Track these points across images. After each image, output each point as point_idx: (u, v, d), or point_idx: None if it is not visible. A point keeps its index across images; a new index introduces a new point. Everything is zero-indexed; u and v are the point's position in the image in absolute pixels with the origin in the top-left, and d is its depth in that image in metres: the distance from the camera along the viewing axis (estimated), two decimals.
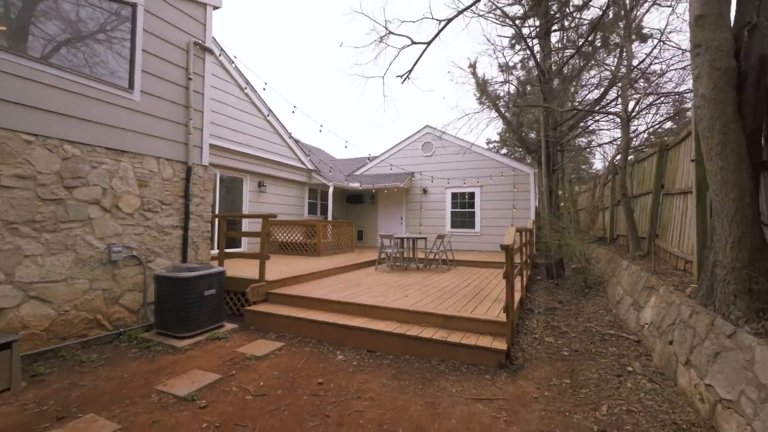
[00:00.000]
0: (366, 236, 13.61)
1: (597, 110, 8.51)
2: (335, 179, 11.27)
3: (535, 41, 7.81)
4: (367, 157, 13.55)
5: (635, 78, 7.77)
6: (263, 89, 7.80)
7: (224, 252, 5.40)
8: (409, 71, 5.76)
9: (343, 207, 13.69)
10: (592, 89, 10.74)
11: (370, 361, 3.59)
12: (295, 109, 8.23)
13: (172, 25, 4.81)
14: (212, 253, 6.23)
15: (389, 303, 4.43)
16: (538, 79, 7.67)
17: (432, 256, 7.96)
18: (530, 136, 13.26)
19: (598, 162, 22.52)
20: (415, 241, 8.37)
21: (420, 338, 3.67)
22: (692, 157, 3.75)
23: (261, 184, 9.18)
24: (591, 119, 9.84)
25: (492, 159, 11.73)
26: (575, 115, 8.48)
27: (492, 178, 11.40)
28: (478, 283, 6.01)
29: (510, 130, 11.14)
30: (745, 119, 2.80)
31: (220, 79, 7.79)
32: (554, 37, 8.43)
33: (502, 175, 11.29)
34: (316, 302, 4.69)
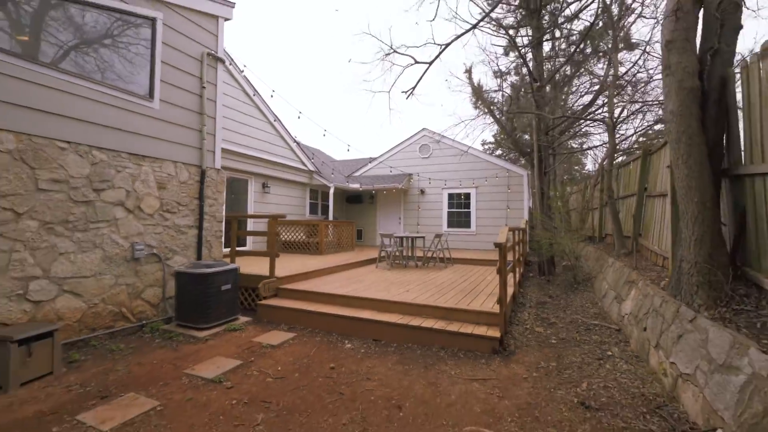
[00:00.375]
0: (365, 235, 13.96)
1: (585, 117, 8.95)
2: (336, 180, 11.60)
3: (528, 49, 8.21)
4: (368, 159, 13.91)
5: (622, 85, 8.19)
6: (271, 96, 8.15)
7: (235, 250, 5.72)
8: (413, 88, 6.26)
9: (343, 207, 14.03)
10: (583, 94, 11.21)
11: (376, 349, 3.94)
12: (301, 114, 8.58)
13: (188, 37, 5.12)
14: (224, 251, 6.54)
15: (392, 297, 4.78)
16: (530, 85, 8.07)
17: (430, 254, 8.33)
18: (524, 138, 13.68)
19: (590, 163, 23.06)
20: (414, 240, 8.74)
21: (421, 328, 4.03)
22: (667, 164, 4.14)
23: (265, 185, 9.49)
24: (581, 124, 10.27)
25: (487, 161, 12.14)
26: (565, 120, 8.89)
27: (487, 180, 11.81)
28: (473, 279, 6.38)
29: (504, 132, 11.56)
30: (707, 133, 3.18)
31: (228, 85, 8.09)
32: (546, 45, 8.85)
33: (497, 177, 11.70)
34: (324, 297, 5.03)
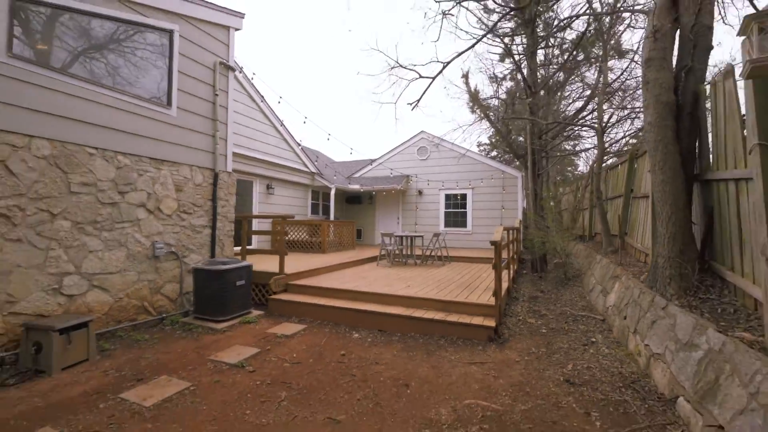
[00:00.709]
0: (365, 235, 14.30)
1: (576, 122, 9.36)
2: (337, 182, 11.93)
3: (522, 56, 8.60)
4: (368, 161, 14.25)
5: (611, 92, 8.60)
6: (278, 102, 8.47)
7: (246, 249, 6.03)
8: (418, 100, 6.73)
9: (343, 207, 14.35)
10: (575, 99, 11.63)
11: (381, 338, 4.28)
12: (306, 119, 8.93)
13: (202, 48, 5.43)
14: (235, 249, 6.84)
15: (395, 291, 5.13)
16: (525, 92, 8.46)
17: (428, 253, 8.69)
18: (519, 140, 14.09)
19: (582, 164, 23.59)
20: (413, 239, 9.09)
21: (423, 319, 4.38)
22: (648, 169, 4.52)
23: (269, 187, 9.79)
24: (572, 129, 10.69)
25: (483, 163, 12.53)
26: (557, 125, 9.29)
27: (483, 181, 12.20)
28: (470, 276, 6.75)
29: (499, 135, 11.95)
30: (681, 142, 3.56)
31: (237, 92, 8.39)
32: (540, 53, 9.24)
33: (492, 178, 12.10)
34: (331, 291, 5.36)
